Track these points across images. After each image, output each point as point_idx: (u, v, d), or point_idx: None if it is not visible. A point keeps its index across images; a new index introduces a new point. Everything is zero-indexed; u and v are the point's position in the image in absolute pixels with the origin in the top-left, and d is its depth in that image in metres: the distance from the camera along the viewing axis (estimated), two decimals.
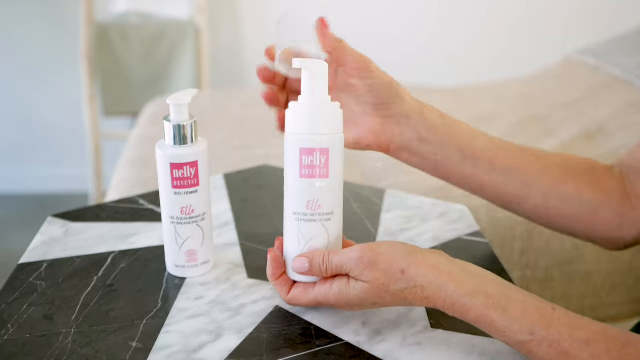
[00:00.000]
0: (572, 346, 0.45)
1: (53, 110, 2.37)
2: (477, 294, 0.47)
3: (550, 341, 0.45)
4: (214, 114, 1.58)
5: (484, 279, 0.49)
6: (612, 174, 0.66)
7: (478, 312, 0.47)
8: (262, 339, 0.53)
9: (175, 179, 0.57)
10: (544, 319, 0.46)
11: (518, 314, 0.47)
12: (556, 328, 0.46)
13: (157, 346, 0.52)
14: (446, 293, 0.48)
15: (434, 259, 0.50)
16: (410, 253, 0.50)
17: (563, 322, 0.46)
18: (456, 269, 0.50)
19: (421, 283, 0.49)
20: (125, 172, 1.26)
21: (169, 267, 0.62)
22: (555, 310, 0.47)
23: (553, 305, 0.48)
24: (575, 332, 0.45)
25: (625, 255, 1.25)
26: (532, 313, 0.47)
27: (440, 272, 0.49)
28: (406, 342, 0.53)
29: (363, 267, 0.50)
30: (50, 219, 0.71)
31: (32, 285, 0.59)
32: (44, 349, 0.51)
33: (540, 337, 0.46)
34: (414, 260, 0.50)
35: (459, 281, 0.48)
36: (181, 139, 0.56)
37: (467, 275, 0.49)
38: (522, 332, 0.46)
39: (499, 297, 0.47)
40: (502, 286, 0.49)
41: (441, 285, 0.49)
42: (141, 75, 2.15)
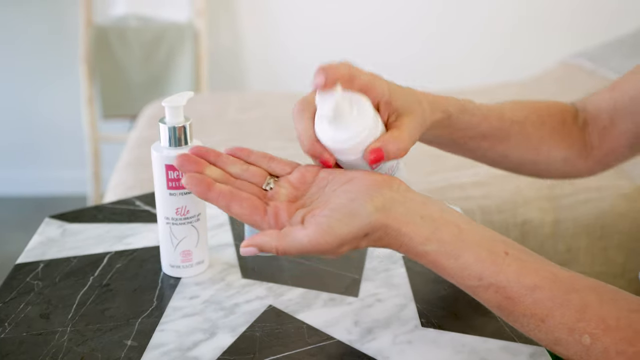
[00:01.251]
0: (517, 292, 0.45)
1: (52, 112, 2.38)
2: (430, 241, 0.46)
3: (497, 287, 0.45)
4: (211, 117, 1.59)
5: (441, 222, 0.47)
6: (577, 126, 0.69)
7: (430, 259, 0.47)
8: (256, 338, 0.54)
9: (170, 180, 0.58)
10: (495, 265, 0.46)
11: (470, 260, 0.46)
12: (505, 275, 0.45)
13: (151, 344, 0.53)
14: (402, 241, 0.47)
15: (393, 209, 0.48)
16: (352, 217, 0.46)
17: (513, 268, 0.45)
18: (413, 215, 0.47)
19: (379, 236, 0.47)
20: (122, 175, 1.27)
21: (164, 267, 0.63)
22: (508, 255, 0.46)
23: (507, 247, 0.47)
24: (522, 278, 0.45)
25: (619, 257, 1.26)
26: (484, 259, 0.46)
27: (398, 222, 0.47)
28: (397, 341, 0.54)
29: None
30: (48, 220, 0.72)
31: (29, 285, 0.60)
32: (40, 347, 0.52)
33: (487, 283, 0.46)
34: (372, 221, 0.46)
35: (414, 229, 0.46)
36: (176, 141, 0.57)
37: (422, 220, 0.47)
38: (470, 278, 0.46)
39: (453, 244, 0.46)
40: (459, 229, 0.47)
41: (397, 236, 0.47)
42: (140, 78, 2.16)
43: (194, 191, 0.48)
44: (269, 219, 0.48)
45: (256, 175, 0.52)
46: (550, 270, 0.46)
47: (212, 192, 0.48)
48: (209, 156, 0.52)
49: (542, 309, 0.44)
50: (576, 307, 0.44)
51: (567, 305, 0.44)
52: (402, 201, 0.47)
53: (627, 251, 1.26)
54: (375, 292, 0.61)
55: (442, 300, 0.60)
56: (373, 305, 0.59)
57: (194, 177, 0.48)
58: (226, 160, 0.52)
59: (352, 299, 0.60)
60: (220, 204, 0.48)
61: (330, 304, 0.59)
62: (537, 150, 0.67)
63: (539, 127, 0.67)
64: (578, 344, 0.44)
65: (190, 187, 0.48)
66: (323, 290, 0.61)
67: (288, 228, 0.46)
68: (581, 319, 0.44)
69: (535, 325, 0.45)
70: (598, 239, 1.25)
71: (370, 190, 0.47)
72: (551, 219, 1.24)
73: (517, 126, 0.66)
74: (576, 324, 0.44)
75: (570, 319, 0.44)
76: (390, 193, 0.48)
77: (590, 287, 0.46)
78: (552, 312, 0.44)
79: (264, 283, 0.62)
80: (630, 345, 0.42)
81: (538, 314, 0.45)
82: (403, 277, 0.64)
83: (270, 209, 0.48)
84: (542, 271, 0.46)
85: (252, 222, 0.48)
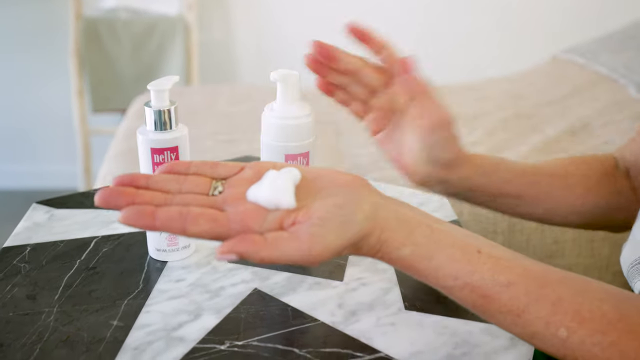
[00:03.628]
0: (492, 290, 0.45)
1: (42, 106, 2.38)
2: (405, 245, 0.45)
3: (472, 287, 0.45)
4: (201, 109, 1.59)
5: (413, 223, 0.46)
6: (620, 172, 0.70)
7: (405, 263, 0.46)
8: (240, 319, 0.55)
9: (156, 164, 0.59)
10: (469, 264, 0.46)
11: (444, 261, 0.46)
12: (480, 274, 0.45)
13: (137, 324, 0.53)
14: (378, 248, 0.46)
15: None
16: (345, 226, 0.44)
17: (487, 267, 0.45)
18: (391, 219, 0.46)
19: (360, 245, 0.46)
20: (112, 165, 1.28)
21: (150, 250, 0.63)
22: (481, 253, 0.46)
23: (479, 245, 0.47)
24: (497, 275, 0.45)
25: (604, 249, 1.28)
26: (458, 259, 0.46)
27: (380, 229, 0.46)
28: (380, 323, 0.55)
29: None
30: (35, 205, 0.73)
31: (15, 268, 0.61)
32: (27, 326, 0.52)
33: (462, 283, 0.46)
34: (363, 229, 0.45)
35: (391, 235, 0.45)
36: (162, 125, 0.58)
37: (398, 224, 0.46)
38: (445, 278, 0.46)
39: (427, 245, 0.46)
40: (431, 230, 0.47)
41: (375, 244, 0.46)
42: (130, 71, 2.15)
43: (137, 225, 0.41)
44: (236, 228, 0.42)
45: (199, 185, 0.46)
46: (523, 265, 0.46)
47: (158, 220, 0.41)
48: (138, 181, 0.44)
49: (518, 304, 0.45)
50: (551, 300, 0.44)
51: (542, 300, 0.44)
52: (382, 205, 0.46)
53: (612, 244, 1.27)
54: (360, 277, 0.62)
55: (425, 285, 0.60)
56: (357, 289, 0.60)
57: (130, 211, 0.41)
58: (159, 180, 0.45)
59: (337, 283, 0.61)
60: (173, 229, 0.41)
61: (315, 288, 0.60)
62: (582, 200, 0.67)
63: (581, 179, 0.68)
64: (554, 337, 0.44)
65: (130, 223, 0.41)
66: (308, 274, 0.62)
67: (275, 237, 0.42)
68: (556, 312, 0.44)
69: (512, 321, 0.45)
70: (584, 232, 1.26)
71: (354, 195, 0.45)
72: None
73: (557, 180, 0.67)
74: (552, 317, 0.44)
75: (545, 312, 0.44)
76: (371, 197, 0.46)
77: (562, 279, 0.46)
78: (527, 307, 0.45)
79: (250, 267, 0.62)
80: (605, 335, 0.43)
81: (514, 310, 0.45)
82: None
83: (235, 216, 0.43)
84: (515, 267, 0.46)
85: (216, 237, 0.42)
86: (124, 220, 0.41)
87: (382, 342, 0.52)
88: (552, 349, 0.45)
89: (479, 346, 0.53)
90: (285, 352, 0.51)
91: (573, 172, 0.68)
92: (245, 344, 0.51)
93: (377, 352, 0.51)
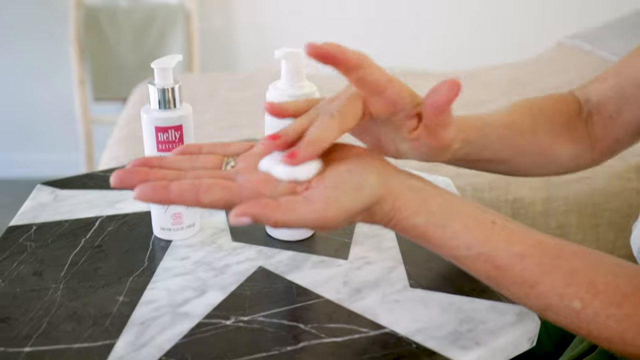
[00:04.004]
0: (506, 260, 0.45)
1: (43, 94, 2.38)
2: (419, 214, 0.45)
3: (486, 256, 0.45)
4: (203, 97, 1.59)
5: (427, 193, 0.46)
6: (582, 120, 0.67)
7: (419, 232, 0.45)
8: (245, 296, 0.55)
9: (160, 142, 0.59)
10: (483, 234, 0.45)
11: (458, 229, 0.45)
12: (494, 244, 0.45)
13: (143, 300, 0.53)
14: (392, 215, 0.45)
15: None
16: (358, 190, 0.43)
17: (501, 238, 0.45)
18: (404, 187, 0.45)
19: (374, 210, 0.45)
20: (114, 151, 1.28)
21: (155, 229, 0.63)
22: (495, 224, 0.46)
23: (493, 217, 0.46)
24: (511, 246, 0.45)
25: (609, 234, 1.28)
26: (473, 229, 0.45)
27: (393, 195, 0.45)
28: (385, 300, 0.55)
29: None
30: (39, 186, 0.73)
31: (21, 246, 0.61)
32: (34, 301, 0.52)
33: (476, 253, 0.45)
34: (376, 194, 0.44)
35: (405, 202, 0.45)
36: (165, 103, 0.58)
37: (411, 192, 0.45)
38: (459, 248, 0.45)
39: (441, 214, 0.45)
40: (444, 199, 0.46)
41: (389, 211, 0.45)
42: (131, 60, 2.15)
43: (152, 200, 0.41)
44: (248, 195, 0.42)
45: (211, 161, 0.46)
46: (537, 237, 0.46)
47: (172, 192, 0.41)
48: (152, 162, 0.45)
49: (532, 275, 0.44)
50: (565, 272, 0.44)
51: (556, 271, 0.44)
52: (395, 174, 0.46)
53: (617, 229, 1.27)
54: (365, 255, 0.62)
55: (431, 263, 0.61)
56: (362, 268, 0.60)
57: (144, 187, 0.41)
58: (171, 160, 0.46)
59: (342, 262, 0.61)
60: (187, 201, 0.41)
61: (320, 266, 0.60)
62: (545, 155, 0.65)
63: (549, 131, 0.65)
64: (568, 309, 0.44)
65: (145, 199, 0.41)
66: (313, 253, 0.62)
67: (288, 200, 0.41)
68: (571, 284, 0.44)
69: (525, 292, 0.45)
70: (589, 217, 1.26)
71: (366, 163, 0.45)
72: (542, 196, 1.25)
73: (529, 136, 0.64)
74: (566, 289, 0.44)
75: (559, 284, 0.44)
76: (383, 166, 0.46)
77: (577, 252, 0.46)
78: (541, 278, 0.44)
79: (254, 246, 0.63)
80: (619, 308, 0.43)
81: (527, 281, 0.45)
82: (393, 241, 0.65)
83: (247, 184, 0.43)
84: (529, 239, 0.46)
85: (229, 206, 0.41)
86: (139, 196, 0.41)
87: (387, 319, 0.53)
88: (565, 322, 0.45)
89: (484, 323, 0.53)
90: (290, 327, 0.51)
91: (542, 124, 0.65)
92: (251, 319, 0.52)
93: (382, 327, 0.51)
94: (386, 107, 0.47)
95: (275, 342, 0.49)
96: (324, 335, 0.50)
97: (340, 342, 0.49)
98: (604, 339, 0.44)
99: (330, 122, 0.44)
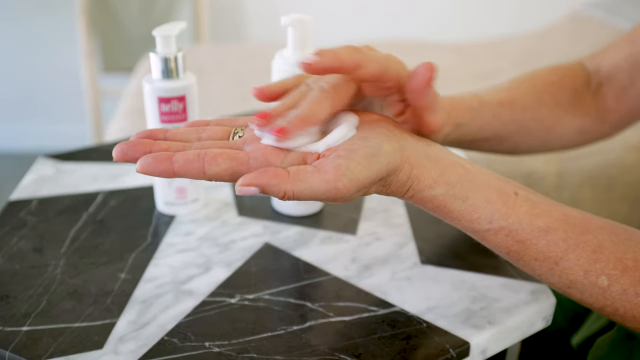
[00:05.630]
0: (529, 235, 0.43)
1: (51, 66, 2.36)
2: (437, 184, 0.42)
3: (508, 230, 0.43)
4: (212, 68, 1.57)
5: (446, 162, 0.43)
6: (590, 91, 0.64)
7: (437, 203, 0.43)
8: (251, 273, 0.53)
9: (163, 114, 0.56)
10: (505, 206, 0.43)
11: (479, 202, 0.43)
12: (516, 217, 0.43)
13: (145, 277, 0.52)
14: (409, 185, 0.43)
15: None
16: (372, 158, 0.40)
17: (524, 210, 0.43)
18: (421, 156, 0.43)
19: (390, 181, 0.42)
20: (121, 123, 1.26)
21: (158, 204, 0.62)
22: (518, 196, 0.43)
23: (516, 188, 0.44)
24: (535, 220, 0.43)
25: (622, 208, 1.25)
26: (494, 201, 0.43)
27: (410, 164, 0.42)
28: (395, 277, 0.53)
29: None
30: (41, 159, 0.71)
31: (22, 220, 0.59)
32: (34, 278, 0.51)
33: (498, 227, 0.43)
34: (391, 162, 0.42)
35: (423, 172, 0.42)
36: (168, 72, 0.56)
37: (429, 161, 0.43)
38: (480, 221, 0.43)
39: (460, 185, 0.43)
40: (465, 169, 0.44)
41: (406, 180, 0.43)
42: (139, 31, 2.12)
43: (155, 172, 0.38)
44: (256, 165, 0.40)
45: (218, 132, 0.44)
46: (562, 210, 0.44)
47: (176, 163, 0.38)
48: (156, 135, 0.43)
49: (556, 251, 0.42)
50: (592, 248, 0.42)
51: (582, 247, 0.42)
52: (410, 140, 0.43)
53: (632, 202, 1.24)
54: (374, 231, 0.60)
55: (442, 239, 0.59)
56: (371, 244, 0.58)
57: (147, 158, 0.38)
58: (177, 131, 0.43)
59: (350, 237, 0.59)
60: (192, 172, 0.39)
61: (327, 242, 0.58)
62: (549, 130, 0.62)
63: (553, 108, 0.62)
64: (594, 286, 0.42)
65: (147, 171, 0.38)
66: (320, 228, 0.60)
67: (298, 169, 0.39)
68: (597, 259, 0.42)
69: (548, 268, 0.43)
70: (603, 190, 1.24)
71: (381, 129, 0.42)
72: (556, 169, 1.22)
73: (531, 113, 0.60)
74: (592, 265, 0.42)
75: (586, 260, 0.42)
76: (398, 131, 0.43)
77: (604, 227, 0.44)
78: (566, 254, 0.42)
79: (260, 221, 0.61)
80: None
81: (552, 257, 0.42)
82: (403, 217, 0.63)
83: (255, 152, 0.40)
84: (554, 212, 0.43)
85: (237, 177, 0.39)
86: (141, 168, 0.38)
87: (397, 297, 0.51)
88: (590, 299, 0.43)
89: (498, 301, 0.51)
90: (297, 305, 0.49)
91: (545, 101, 0.62)
92: (257, 297, 0.50)
93: (392, 306, 0.50)
94: (381, 90, 0.44)
95: (281, 321, 0.47)
96: (332, 313, 0.48)
97: (348, 321, 0.48)
98: (630, 318, 0.42)
99: (322, 98, 0.41)
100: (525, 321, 0.50)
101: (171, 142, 0.42)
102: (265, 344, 0.45)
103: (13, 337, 0.45)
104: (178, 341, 0.45)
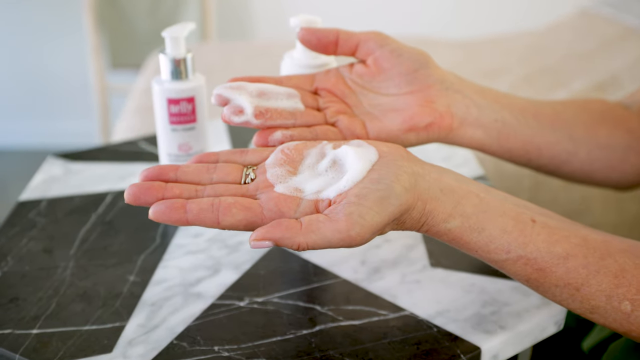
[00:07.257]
0: (549, 263, 0.42)
1: (58, 63, 2.36)
2: (453, 217, 0.42)
3: (526, 259, 0.43)
4: (219, 66, 1.56)
5: (460, 192, 0.43)
6: (630, 112, 0.62)
7: (453, 236, 0.43)
8: (260, 275, 0.53)
9: (172, 115, 0.56)
10: (523, 235, 0.42)
11: (495, 232, 0.42)
12: (534, 245, 0.42)
13: (154, 280, 0.52)
14: (423, 220, 0.43)
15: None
16: (384, 201, 0.40)
17: (542, 238, 0.42)
18: (434, 189, 0.43)
19: (404, 219, 0.43)
20: (130, 120, 1.26)
21: None
22: (535, 223, 0.43)
23: (533, 214, 0.44)
24: (553, 247, 0.42)
25: (633, 206, 1.24)
26: (511, 230, 0.42)
27: (423, 200, 0.42)
28: (405, 280, 0.53)
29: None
30: (50, 159, 0.71)
31: (31, 221, 0.59)
32: (43, 280, 0.51)
33: (516, 256, 0.43)
34: (402, 203, 0.42)
35: (437, 206, 0.42)
36: (177, 74, 0.55)
37: (443, 194, 0.42)
38: (497, 251, 0.43)
39: (476, 216, 0.42)
40: (479, 199, 0.43)
41: (420, 217, 0.43)
42: (147, 27, 2.12)
43: (168, 221, 0.39)
44: (270, 215, 0.40)
45: (230, 173, 0.43)
46: (581, 235, 0.43)
47: (189, 212, 0.39)
48: (166, 174, 0.42)
49: (577, 277, 0.42)
50: (613, 272, 0.41)
51: (604, 272, 0.42)
52: (422, 174, 0.42)
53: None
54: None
55: None
56: (381, 246, 0.58)
57: (160, 206, 0.39)
58: (187, 171, 0.43)
59: None
60: (206, 222, 0.39)
61: None
62: (597, 132, 0.59)
63: (587, 110, 0.59)
64: (617, 312, 0.42)
65: (162, 219, 0.39)
66: None
67: (310, 220, 0.39)
68: (620, 284, 0.41)
69: (569, 294, 0.43)
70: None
71: (391, 167, 0.41)
72: None
73: (583, 129, 0.58)
74: (614, 290, 0.41)
75: (607, 285, 0.41)
76: (409, 165, 0.42)
77: (626, 249, 0.43)
78: (587, 280, 0.42)
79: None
80: None
81: (572, 284, 0.42)
82: None
83: (268, 202, 0.40)
84: (572, 237, 0.43)
85: (251, 227, 0.40)
86: (155, 216, 0.39)
87: (407, 300, 0.51)
88: (614, 324, 0.42)
89: (509, 305, 0.50)
90: (306, 309, 0.49)
91: (573, 106, 0.59)
92: (266, 300, 0.50)
93: (402, 310, 0.49)
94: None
95: (290, 325, 0.47)
96: (341, 317, 0.48)
97: (358, 326, 0.47)
98: None
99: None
100: (537, 326, 0.49)
101: (183, 184, 0.42)
102: (275, 349, 0.45)
103: (23, 340, 0.45)
104: (187, 345, 0.45)
